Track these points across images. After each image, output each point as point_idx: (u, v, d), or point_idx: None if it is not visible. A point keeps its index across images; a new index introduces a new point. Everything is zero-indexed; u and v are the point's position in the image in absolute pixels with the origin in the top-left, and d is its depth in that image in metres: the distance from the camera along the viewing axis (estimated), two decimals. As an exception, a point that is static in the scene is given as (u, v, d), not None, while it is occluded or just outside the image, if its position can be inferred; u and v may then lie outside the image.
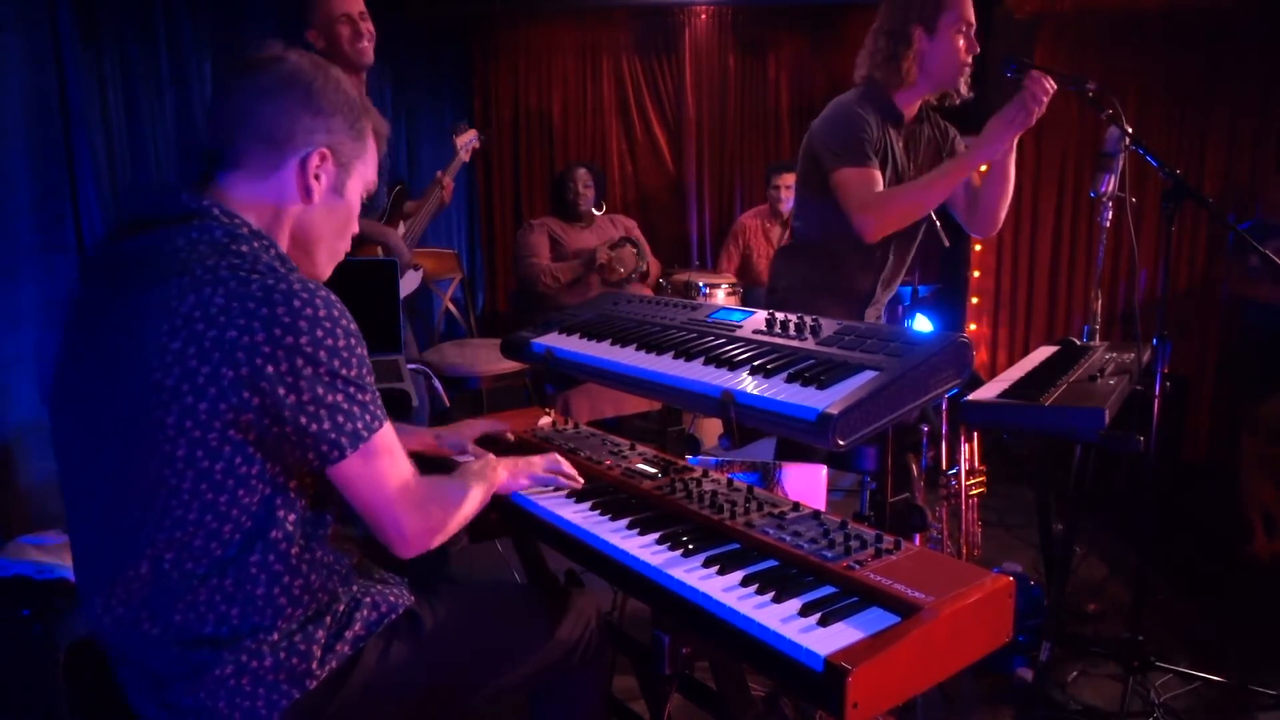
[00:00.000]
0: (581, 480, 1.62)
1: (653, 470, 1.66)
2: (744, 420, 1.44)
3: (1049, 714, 2.35)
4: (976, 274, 4.97)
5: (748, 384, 1.45)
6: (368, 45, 2.67)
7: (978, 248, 4.92)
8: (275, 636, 1.18)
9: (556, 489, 1.60)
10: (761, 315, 1.77)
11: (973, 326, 4.97)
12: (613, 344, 1.80)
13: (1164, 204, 2.20)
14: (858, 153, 2.18)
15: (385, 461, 1.18)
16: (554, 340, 1.93)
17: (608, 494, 1.59)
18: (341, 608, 1.26)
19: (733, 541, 1.37)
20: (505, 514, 1.64)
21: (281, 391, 1.07)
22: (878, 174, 2.19)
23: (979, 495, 2.76)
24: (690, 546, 1.34)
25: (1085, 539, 3.25)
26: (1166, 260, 2.22)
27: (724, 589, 1.21)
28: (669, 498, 1.53)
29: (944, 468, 2.71)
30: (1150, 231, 4.48)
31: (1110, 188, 2.22)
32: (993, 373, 3.06)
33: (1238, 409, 3.85)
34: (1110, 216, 2.36)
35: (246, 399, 1.07)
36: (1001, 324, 4.98)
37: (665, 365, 1.63)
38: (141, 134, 3.10)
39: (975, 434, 2.73)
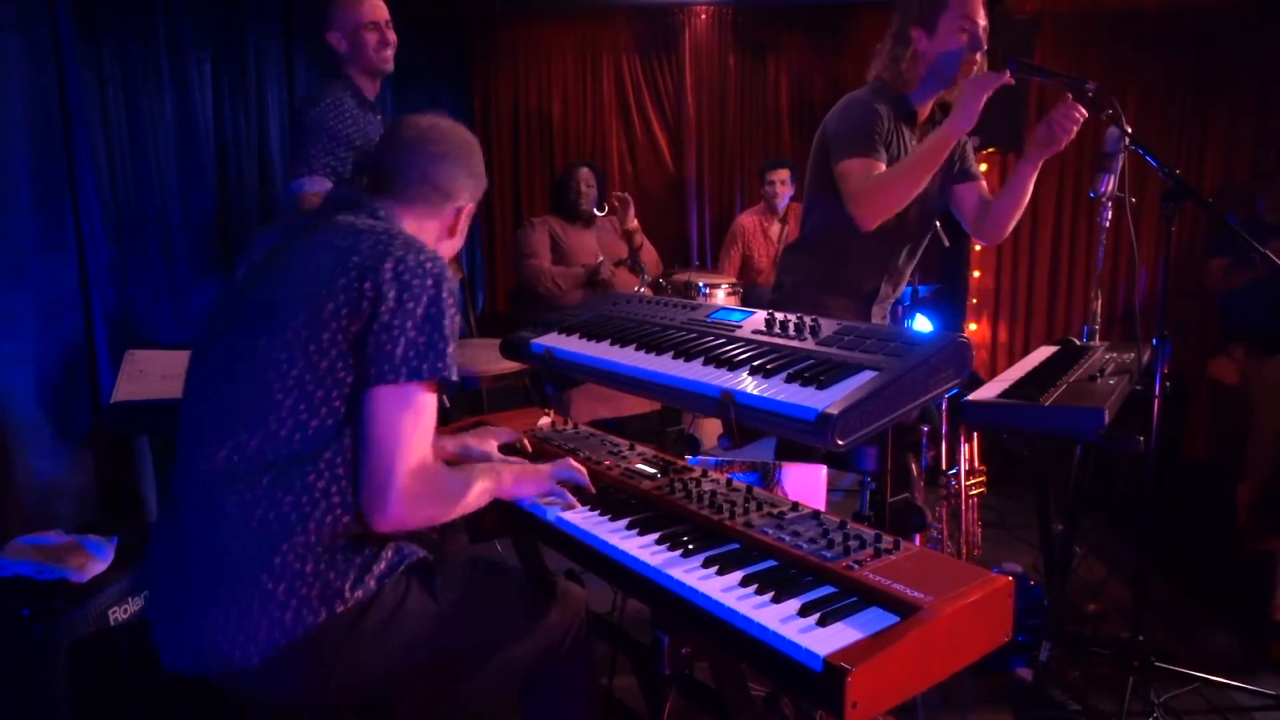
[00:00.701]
0: (590, 486, 1.61)
1: (652, 470, 1.66)
2: (744, 420, 1.43)
3: (1049, 714, 2.35)
4: (976, 274, 4.97)
5: (748, 384, 1.45)
6: (390, 54, 2.72)
7: (978, 248, 4.92)
8: (314, 539, 1.28)
9: (557, 500, 1.57)
10: (761, 315, 1.77)
11: (973, 326, 4.97)
12: (612, 344, 1.80)
13: (1164, 204, 2.19)
14: (865, 144, 2.17)
15: (416, 416, 1.30)
16: (554, 340, 1.93)
17: (608, 494, 1.59)
18: (369, 547, 1.36)
19: (732, 541, 1.37)
20: (505, 514, 1.64)
21: (382, 309, 1.28)
22: (882, 166, 2.18)
23: (979, 495, 2.76)
24: (690, 547, 1.34)
25: (1085, 539, 3.25)
26: (1166, 260, 2.22)
27: (724, 589, 1.21)
28: (669, 498, 1.53)
29: (944, 468, 2.71)
30: (1150, 231, 4.48)
31: (1110, 188, 2.22)
32: (993, 373, 3.06)
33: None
34: (1110, 216, 2.36)
35: (362, 308, 1.28)
36: (1001, 324, 4.98)
37: (665, 365, 1.63)
38: (141, 134, 3.10)
39: (975, 434, 2.74)
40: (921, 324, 4.23)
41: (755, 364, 1.51)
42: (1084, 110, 2.05)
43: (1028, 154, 2.18)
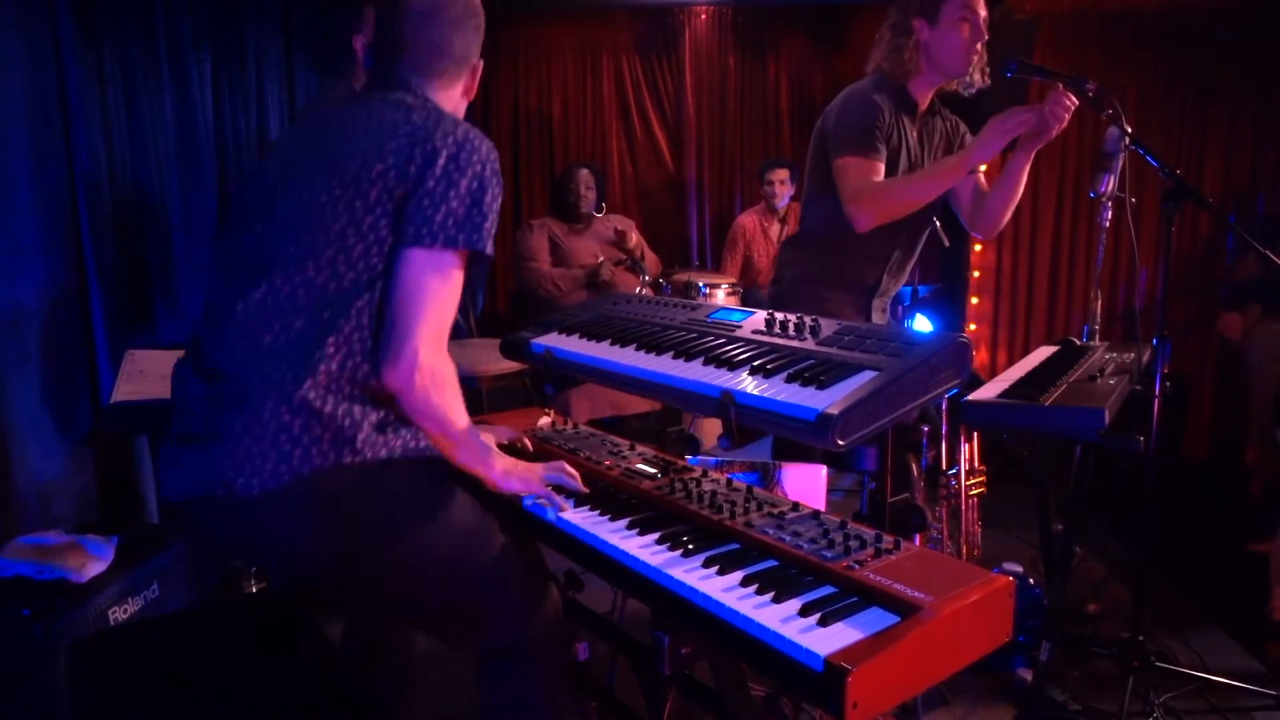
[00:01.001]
0: (581, 485, 1.60)
1: (652, 470, 1.66)
2: (744, 420, 1.43)
3: (1049, 714, 2.35)
4: (976, 274, 4.97)
5: (748, 384, 1.45)
6: None
7: (978, 248, 4.92)
8: (335, 382, 1.31)
9: (546, 502, 1.56)
10: (761, 315, 1.77)
11: (973, 326, 4.97)
12: (612, 344, 1.80)
13: (1164, 204, 2.20)
14: (865, 142, 2.18)
15: (443, 284, 1.33)
16: (554, 340, 1.93)
17: (608, 494, 1.59)
18: (389, 410, 1.37)
19: (732, 541, 1.37)
20: (505, 514, 1.64)
21: (428, 175, 1.32)
22: (880, 166, 2.18)
23: (979, 495, 2.76)
24: (690, 546, 1.34)
25: (1085, 539, 3.25)
26: (1166, 260, 2.22)
27: (724, 589, 1.21)
28: (669, 498, 1.53)
29: (944, 468, 2.71)
30: (1150, 231, 4.48)
31: (1110, 188, 2.22)
32: (993, 373, 3.06)
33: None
34: (1110, 216, 2.36)
35: (410, 172, 1.32)
36: (1001, 324, 4.98)
37: (665, 365, 1.63)
38: (141, 134, 3.10)
39: (975, 434, 2.74)
40: (921, 324, 4.23)
41: (755, 364, 1.51)
42: (1074, 99, 2.05)
43: (1021, 144, 2.19)
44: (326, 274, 1.32)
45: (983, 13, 2.20)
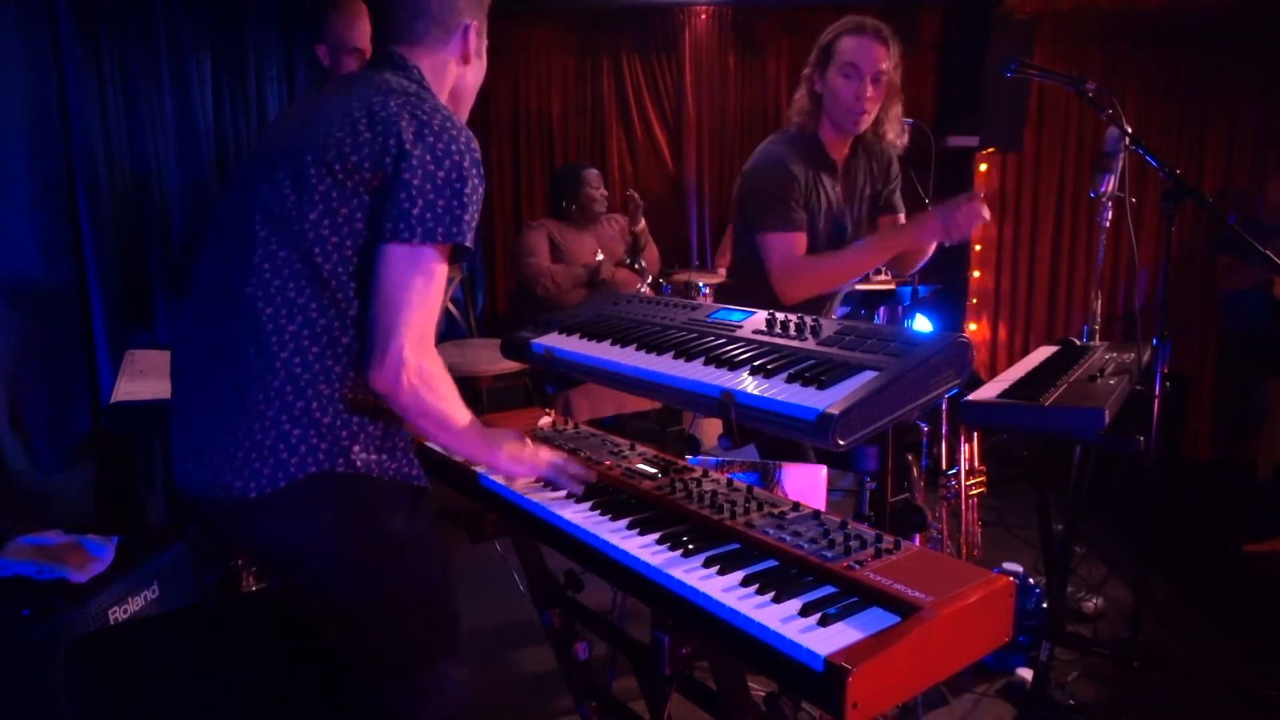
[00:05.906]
0: (586, 481, 1.59)
1: (653, 470, 1.66)
2: (744, 420, 1.43)
3: (1049, 714, 2.35)
4: (976, 274, 4.97)
5: (748, 384, 1.45)
6: None
7: (978, 248, 4.92)
8: (336, 393, 1.32)
9: (553, 487, 1.57)
10: (761, 315, 1.77)
11: (973, 326, 4.98)
12: (613, 344, 1.80)
13: (1164, 204, 2.20)
14: (783, 216, 2.20)
15: (426, 280, 1.30)
16: (554, 340, 1.93)
17: (608, 494, 1.59)
18: (387, 423, 1.39)
19: (733, 541, 1.37)
20: (505, 514, 1.64)
21: (404, 168, 1.28)
22: (801, 237, 2.21)
23: (979, 495, 2.76)
24: (690, 546, 1.34)
25: (1085, 539, 3.25)
26: (1166, 260, 2.22)
27: (724, 589, 1.21)
28: (669, 498, 1.52)
29: (944, 468, 2.72)
30: (1150, 231, 4.49)
31: (1110, 188, 2.22)
32: (993, 373, 3.06)
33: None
34: (1110, 216, 2.36)
35: (386, 163, 1.29)
36: (1001, 324, 4.98)
37: (665, 365, 1.63)
38: (141, 134, 3.10)
39: (975, 434, 2.74)
40: (921, 324, 4.23)
41: (756, 364, 1.51)
42: (988, 214, 2.05)
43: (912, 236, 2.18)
44: (311, 265, 1.29)
45: (870, 67, 2.20)
